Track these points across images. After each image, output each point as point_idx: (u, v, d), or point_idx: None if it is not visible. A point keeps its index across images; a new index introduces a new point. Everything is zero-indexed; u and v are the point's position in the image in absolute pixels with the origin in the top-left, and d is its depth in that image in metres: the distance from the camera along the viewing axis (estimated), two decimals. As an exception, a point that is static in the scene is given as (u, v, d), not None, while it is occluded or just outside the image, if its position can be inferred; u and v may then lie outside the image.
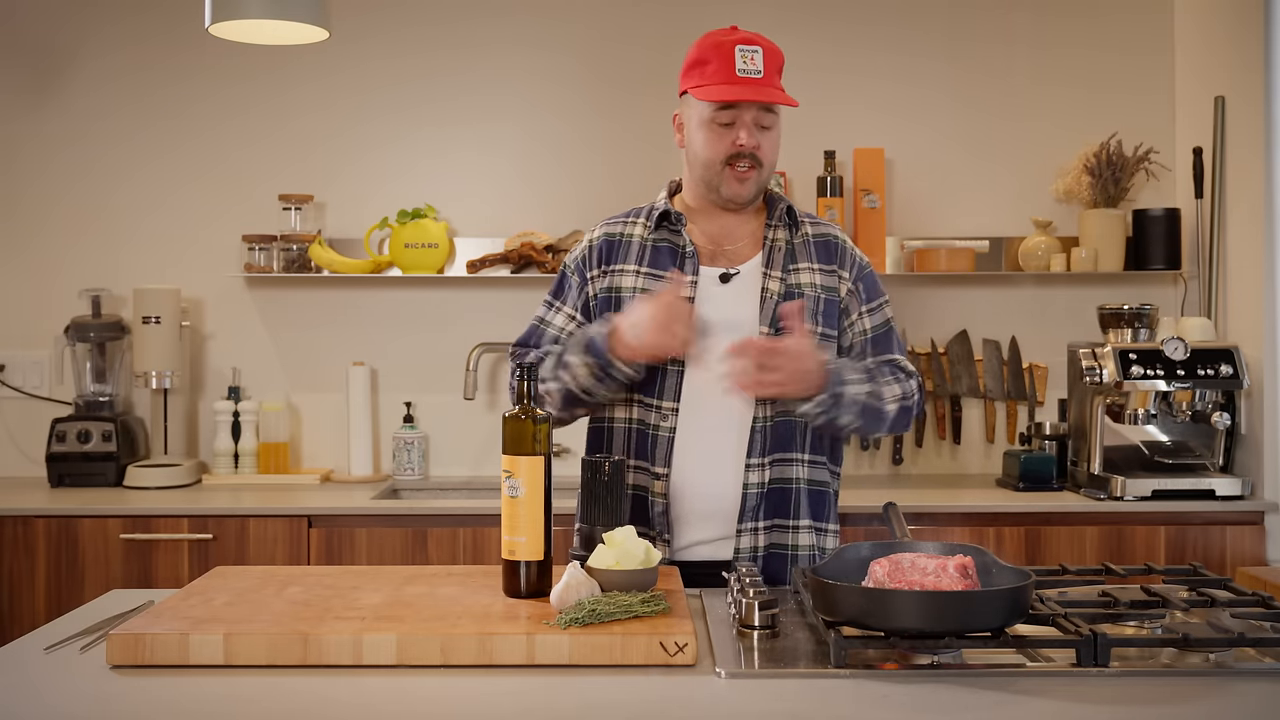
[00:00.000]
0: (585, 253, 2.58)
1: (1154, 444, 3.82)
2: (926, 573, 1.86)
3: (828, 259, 2.54)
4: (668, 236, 2.53)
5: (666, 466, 2.44)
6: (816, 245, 2.55)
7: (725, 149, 2.45)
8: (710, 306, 2.43)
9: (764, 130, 2.46)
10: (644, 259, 2.52)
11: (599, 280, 2.54)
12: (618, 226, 2.59)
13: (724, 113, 2.44)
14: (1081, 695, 1.67)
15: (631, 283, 2.50)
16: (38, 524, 3.63)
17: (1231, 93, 3.92)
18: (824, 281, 2.51)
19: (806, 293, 2.48)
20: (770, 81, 2.45)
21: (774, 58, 2.48)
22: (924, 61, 4.30)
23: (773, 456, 2.45)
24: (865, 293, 2.56)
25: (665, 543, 2.45)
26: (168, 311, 4.08)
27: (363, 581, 2.16)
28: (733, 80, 2.43)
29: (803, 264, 2.51)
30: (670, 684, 1.73)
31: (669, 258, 2.50)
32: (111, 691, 1.72)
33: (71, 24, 4.32)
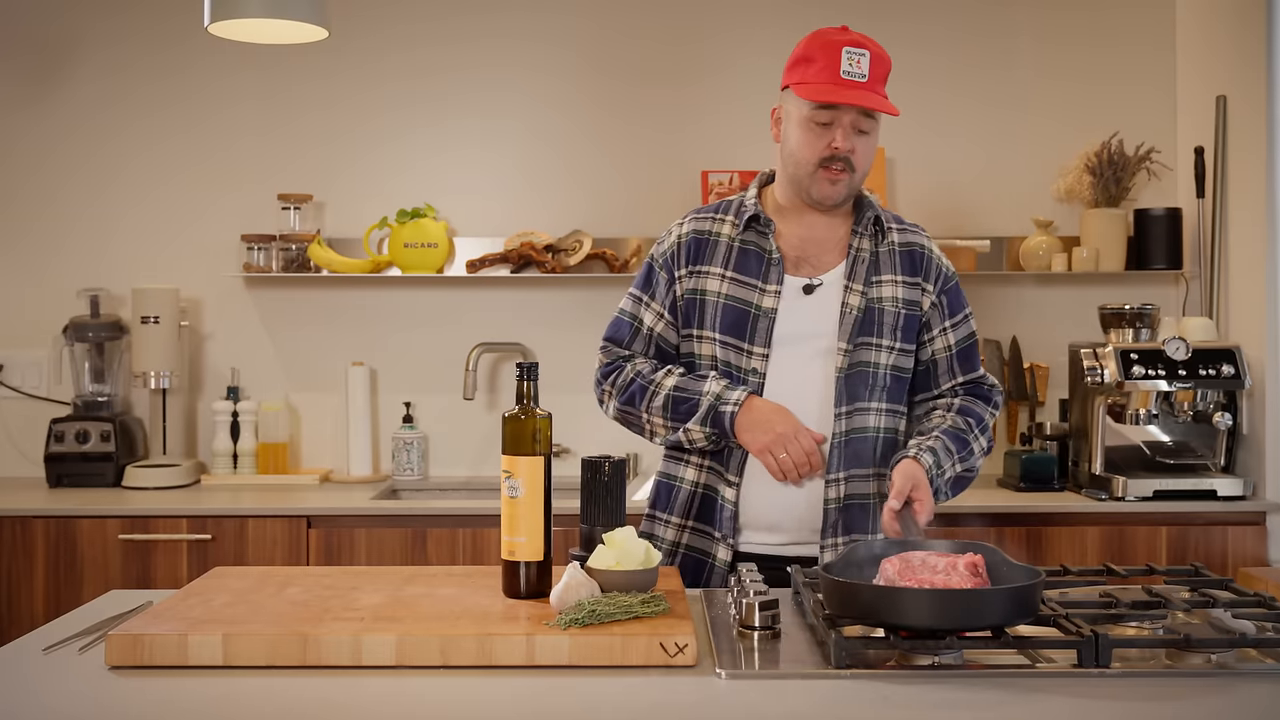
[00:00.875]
0: (674, 249, 2.56)
1: (1155, 444, 3.82)
2: (937, 571, 1.86)
3: (912, 270, 2.52)
4: (755, 240, 2.51)
5: (739, 475, 2.46)
6: (901, 255, 2.53)
7: (820, 150, 2.43)
8: (788, 318, 2.45)
9: (861, 135, 2.44)
10: (730, 262, 2.50)
11: (686, 280, 2.52)
12: (706, 223, 2.55)
13: (823, 112, 2.42)
14: (1083, 696, 1.67)
15: (716, 286, 2.49)
16: (36, 524, 3.63)
17: (1233, 92, 3.91)
18: (905, 295, 2.50)
19: (887, 308, 2.47)
20: (874, 87, 2.43)
21: (881, 64, 2.45)
22: (925, 61, 4.29)
23: (848, 472, 2.46)
24: (949, 306, 2.56)
25: (729, 546, 2.47)
26: (166, 311, 4.08)
27: (362, 582, 2.15)
28: (836, 81, 2.41)
29: (885, 275, 2.50)
30: (670, 685, 1.73)
31: (755, 262, 2.49)
32: (110, 692, 1.71)
33: (69, 21, 4.32)
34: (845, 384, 2.43)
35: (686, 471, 2.53)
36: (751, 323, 2.45)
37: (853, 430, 2.45)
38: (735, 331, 2.45)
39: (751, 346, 2.45)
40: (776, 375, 2.44)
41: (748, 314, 2.45)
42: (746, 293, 2.46)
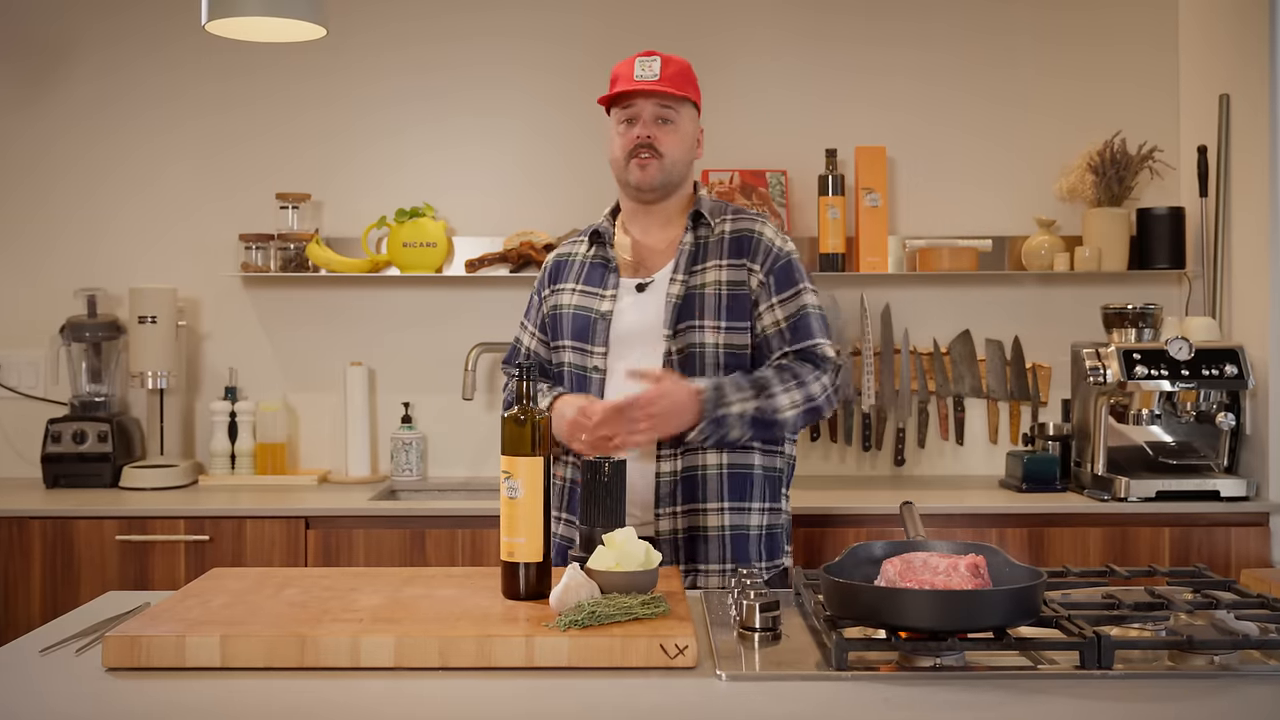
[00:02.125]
0: (543, 274, 2.90)
1: (1158, 445, 3.81)
2: (938, 572, 1.87)
3: (738, 254, 2.71)
4: (600, 253, 2.80)
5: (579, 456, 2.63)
6: (730, 241, 2.73)
7: (627, 144, 2.72)
8: (628, 314, 2.70)
9: (664, 124, 2.72)
10: (580, 277, 2.80)
11: (549, 299, 2.84)
12: (567, 247, 2.89)
13: (623, 111, 2.74)
14: (1085, 697, 1.67)
15: (568, 300, 2.79)
16: (33, 525, 3.62)
17: (1236, 91, 3.90)
18: (730, 277, 2.69)
19: (708, 291, 2.67)
20: (664, 83, 2.70)
21: (673, 64, 2.73)
22: (927, 59, 4.29)
23: (684, 447, 2.63)
24: (777, 284, 2.70)
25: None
26: (164, 311, 4.07)
27: (360, 583, 2.16)
28: (630, 85, 2.70)
29: (710, 262, 2.71)
30: (670, 686, 1.73)
31: (598, 272, 2.78)
32: (108, 694, 1.71)
33: (65, 20, 4.31)
34: (678, 366, 2.64)
35: (565, 470, 2.77)
36: (592, 326, 2.71)
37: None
38: (580, 336, 2.73)
39: (593, 347, 2.70)
40: (615, 370, 2.67)
41: (589, 319, 2.72)
42: (589, 300, 2.75)
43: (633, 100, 2.71)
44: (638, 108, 2.71)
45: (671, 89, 2.70)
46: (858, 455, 4.25)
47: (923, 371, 4.23)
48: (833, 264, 4.09)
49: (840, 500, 3.66)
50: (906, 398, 4.19)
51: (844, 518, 3.58)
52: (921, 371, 4.22)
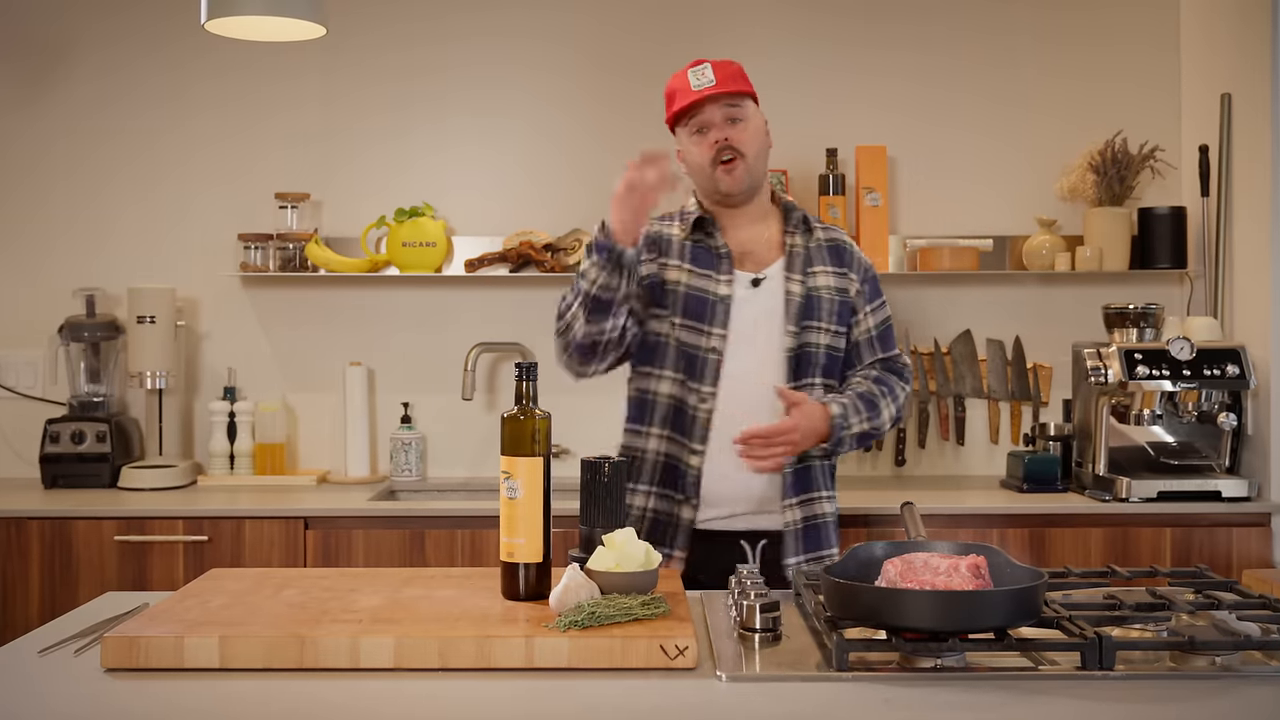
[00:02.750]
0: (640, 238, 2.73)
1: (1159, 445, 3.80)
2: (939, 572, 1.86)
3: (839, 262, 2.84)
4: (704, 239, 2.79)
5: (703, 444, 2.71)
6: (829, 249, 2.85)
7: (708, 151, 2.76)
8: (742, 306, 2.73)
9: (735, 123, 2.77)
10: (685, 256, 2.78)
11: (648, 265, 2.78)
12: (658, 226, 2.85)
13: (695, 120, 2.77)
14: (1086, 698, 1.67)
15: (675, 276, 2.76)
16: (31, 526, 3.61)
17: (1238, 90, 3.90)
18: (836, 284, 2.81)
19: (823, 295, 2.77)
20: (722, 84, 2.75)
21: (725, 67, 2.78)
22: (927, 59, 4.28)
23: None
24: (870, 293, 2.88)
25: (693, 506, 2.72)
26: (163, 311, 4.07)
27: (360, 584, 2.15)
28: (691, 95, 2.75)
29: (818, 267, 2.80)
30: (671, 687, 1.72)
31: (707, 257, 2.77)
32: (106, 695, 1.71)
33: (64, 20, 4.31)
34: (794, 363, 2.73)
35: (649, 443, 2.77)
36: (710, 308, 2.72)
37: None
38: (695, 315, 2.72)
39: (711, 328, 2.72)
40: (733, 355, 2.71)
41: (706, 301, 2.73)
42: (704, 283, 2.74)
43: (699, 109, 2.75)
44: (706, 115, 2.75)
45: (731, 88, 2.75)
46: (858, 455, 4.25)
47: (924, 371, 4.22)
48: (833, 264, 4.08)
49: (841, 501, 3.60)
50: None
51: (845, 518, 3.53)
52: (922, 371, 4.22)
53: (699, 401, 2.70)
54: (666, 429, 2.75)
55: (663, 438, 2.75)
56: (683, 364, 2.73)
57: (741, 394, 2.70)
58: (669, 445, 2.74)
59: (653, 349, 2.77)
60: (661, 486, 2.75)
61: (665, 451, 2.74)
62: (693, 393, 2.71)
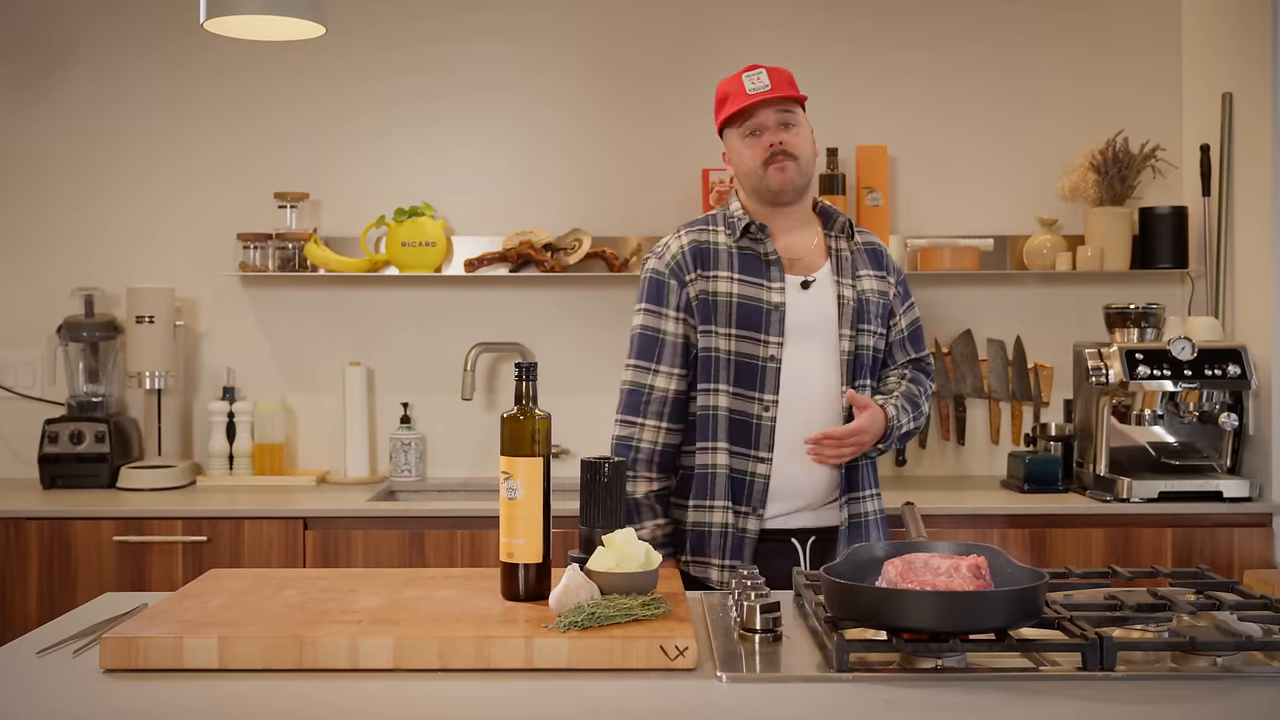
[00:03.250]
0: (679, 258, 2.81)
1: (1160, 445, 3.80)
2: (939, 573, 1.86)
3: (878, 266, 2.89)
4: (751, 245, 2.79)
5: (769, 452, 2.72)
6: (868, 253, 2.89)
7: (761, 153, 2.76)
8: (795, 311, 2.74)
9: (788, 127, 2.77)
10: (734, 266, 2.78)
11: (696, 283, 2.78)
12: (701, 234, 2.83)
13: (749, 123, 2.77)
14: (1087, 699, 1.66)
15: (727, 288, 2.76)
16: (30, 526, 3.61)
17: (1239, 89, 3.89)
18: (878, 286, 2.86)
19: (870, 298, 2.82)
20: (777, 89, 2.76)
21: (779, 73, 2.79)
22: (927, 58, 4.28)
23: None
24: (903, 295, 2.94)
25: (759, 517, 2.73)
26: (162, 311, 4.06)
27: (359, 584, 2.15)
28: (747, 98, 2.76)
29: (863, 271, 2.84)
30: (671, 688, 1.72)
31: (756, 264, 2.77)
32: (105, 696, 1.70)
33: (63, 20, 4.30)
34: (851, 366, 2.77)
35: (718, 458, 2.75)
36: (765, 316, 2.73)
37: None
38: (751, 325, 2.73)
39: (767, 337, 2.72)
40: (790, 361, 2.73)
41: (760, 309, 2.73)
42: (755, 291, 2.75)
43: (754, 112, 2.76)
44: (760, 118, 2.76)
45: (787, 93, 2.77)
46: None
47: (924, 371, 4.21)
48: (833, 264, 4.08)
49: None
50: (907, 398, 4.18)
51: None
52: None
53: (762, 410, 2.71)
54: (730, 443, 2.73)
55: (728, 452, 2.74)
56: (740, 375, 2.73)
57: (802, 399, 2.73)
58: (733, 459, 2.73)
59: (707, 364, 2.76)
60: (732, 501, 2.73)
61: (731, 466, 2.74)
62: (755, 402, 2.72)
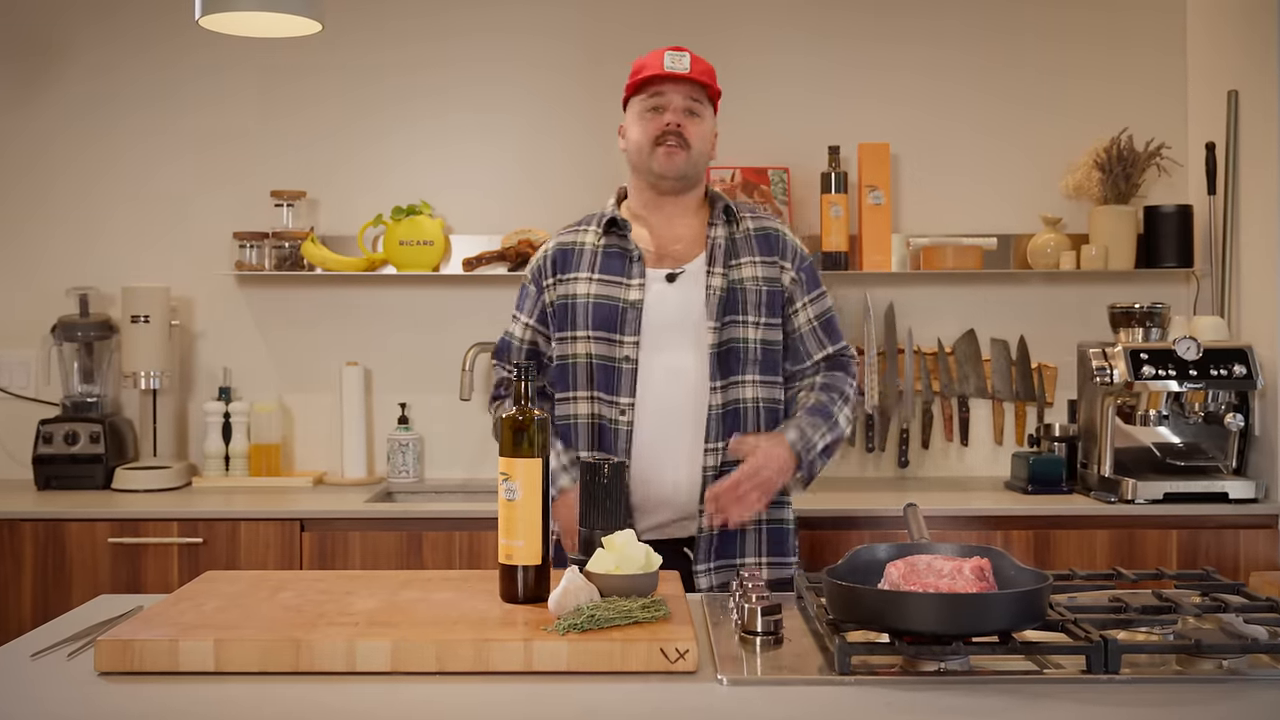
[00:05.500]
0: (541, 263, 2.83)
1: (1166, 446, 3.78)
2: (942, 575, 1.85)
3: (769, 251, 2.77)
4: (617, 241, 2.76)
5: (628, 459, 2.65)
6: (758, 239, 2.78)
7: (654, 130, 2.71)
8: (657, 308, 2.68)
9: (691, 116, 2.73)
10: (595, 265, 2.75)
11: (554, 289, 2.78)
12: (570, 236, 2.84)
13: (652, 99, 2.73)
14: (1091, 702, 1.66)
15: (585, 289, 2.73)
16: (24, 527, 3.60)
17: (1245, 87, 3.88)
18: (765, 273, 2.74)
19: (748, 286, 2.71)
20: (694, 75, 2.71)
21: (701, 62, 2.75)
22: (930, 55, 4.27)
23: (726, 442, 2.67)
24: (808, 282, 2.80)
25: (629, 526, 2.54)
26: (157, 310, 4.04)
27: (356, 586, 2.14)
28: (660, 73, 2.71)
29: (744, 258, 2.74)
30: (671, 691, 1.72)
31: (619, 261, 2.74)
32: (100, 699, 1.70)
33: (58, 18, 4.29)
34: (718, 360, 2.67)
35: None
36: (620, 315, 2.68)
37: (728, 403, 2.68)
38: (606, 326, 2.69)
39: (623, 337, 2.67)
40: (649, 360, 2.67)
41: (616, 308, 2.69)
42: (612, 289, 2.71)
43: (662, 89, 2.71)
44: (667, 97, 2.71)
45: (703, 79, 2.72)
46: (861, 457, 4.22)
47: (927, 372, 4.20)
48: (836, 263, 4.07)
49: (843, 502, 3.64)
50: (910, 398, 4.16)
51: (847, 520, 3.56)
52: (925, 371, 4.20)
53: (618, 414, 2.66)
54: (594, 450, 2.70)
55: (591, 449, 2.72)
56: (597, 379, 2.68)
57: (662, 402, 2.66)
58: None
59: (565, 372, 2.74)
60: None
61: None
62: (612, 406, 2.66)
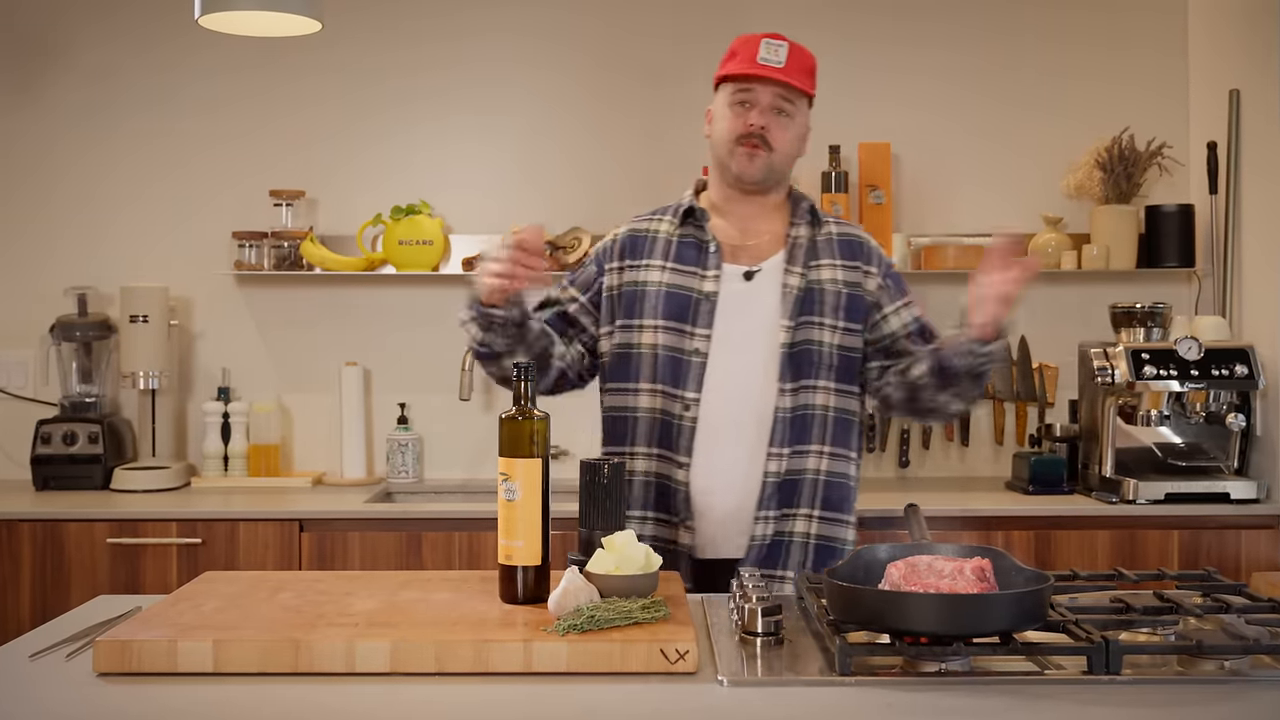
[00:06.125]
0: (609, 245, 2.70)
1: (1167, 446, 3.78)
2: (943, 575, 1.84)
3: (851, 256, 2.63)
4: (693, 232, 2.63)
5: (689, 456, 2.52)
6: (840, 243, 2.64)
7: (738, 128, 2.57)
8: (736, 300, 2.55)
9: (780, 115, 2.58)
10: (669, 254, 2.62)
11: (618, 274, 2.65)
12: (644, 224, 2.70)
13: (741, 93, 2.58)
14: (1092, 703, 1.65)
15: (657, 277, 2.60)
16: (22, 528, 3.59)
17: (1246, 86, 3.88)
18: (846, 277, 2.60)
19: (827, 288, 2.57)
20: (790, 74, 2.56)
21: (800, 55, 2.60)
22: (931, 54, 4.26)
23: (792, 448, 2.54)
24: (895, 288, 2.66)
25: (689, 529, 2.53)
26: (156, 310, 4.04)
27: (356, 587, 2.14)
28: (753, 66, 2.56)
29: (824, 260, 2.61)
30: (671, 692, 1.71)
31: (694, 252, 2.61)
32: (99, 700, 1.69)
33: (57, 19, 4.28)
34: (789, 361, 2.53)
35: (635, 464, 2.58)
36: (693, 307, 2.55)
37: (797, 407, 2.54)
38: (677, 316, 2.56)
39: (694, 329, 2.54)
40: (719, 355, 2.53)
41: (689, 299, 2.56)
42: (686, 280, 2.58)
43: (752, 84, 2.57)
44: (755, 93, 2.57)
45: (795, 81, 2.56)
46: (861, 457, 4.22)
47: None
48: (835, 263, 4.06)
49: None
50: (910, 398, 4.16)
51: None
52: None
53: (682, 409, 2.52)
54: (653, 446, 2.56)
55: (650, 456, 2.57)
56: (663, 372, 2.54)
57: (726, 397, 2.52)
58: (657, 464, 2.56)
59: (626, 362, 2.60)
60: (656, 510, 2.57)
61: (655, 471, 2.56)
62: (676, 401, 2.53)
